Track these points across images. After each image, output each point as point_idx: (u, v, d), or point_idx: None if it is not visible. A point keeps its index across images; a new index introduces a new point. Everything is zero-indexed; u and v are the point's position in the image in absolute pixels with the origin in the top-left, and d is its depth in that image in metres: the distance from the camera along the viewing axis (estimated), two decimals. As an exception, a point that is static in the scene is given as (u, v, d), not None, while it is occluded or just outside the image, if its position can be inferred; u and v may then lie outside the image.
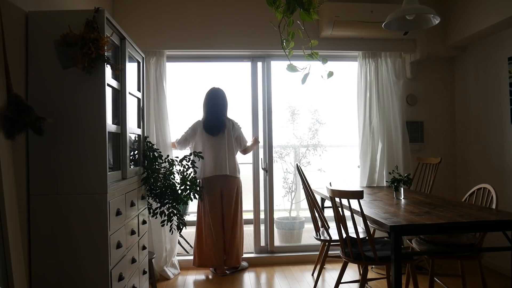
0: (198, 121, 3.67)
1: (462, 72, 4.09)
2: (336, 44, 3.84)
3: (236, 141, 3.66)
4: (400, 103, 3.89)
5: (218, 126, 3.57)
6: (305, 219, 4.51)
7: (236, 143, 3.66)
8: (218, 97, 3.65)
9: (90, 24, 1.89)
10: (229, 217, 3.58)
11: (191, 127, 3.66)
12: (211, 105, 3.63)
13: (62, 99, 1.96)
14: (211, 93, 3.66)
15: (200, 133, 3.60)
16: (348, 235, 2.55)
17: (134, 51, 2.64)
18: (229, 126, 3.61)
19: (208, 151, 3.55)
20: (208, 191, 3.55)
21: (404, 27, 2.76)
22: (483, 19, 3.38)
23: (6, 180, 1.64)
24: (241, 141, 3.69)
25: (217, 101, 3.64)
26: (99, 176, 1.96)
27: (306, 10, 1.94)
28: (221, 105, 3.64)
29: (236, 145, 3.66)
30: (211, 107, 3.62)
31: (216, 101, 3.64)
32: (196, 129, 3.63)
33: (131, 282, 2.38)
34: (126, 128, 2.35)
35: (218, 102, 3.64)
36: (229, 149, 3.58)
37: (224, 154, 3.55)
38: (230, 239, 3.58)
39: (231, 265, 3.61)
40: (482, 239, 2.61)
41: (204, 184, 3.55)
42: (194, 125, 3.65)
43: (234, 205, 3.60)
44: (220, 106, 3.63)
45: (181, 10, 3.69)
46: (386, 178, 3.79)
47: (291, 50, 2.16)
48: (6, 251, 1.63)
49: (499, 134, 3.57)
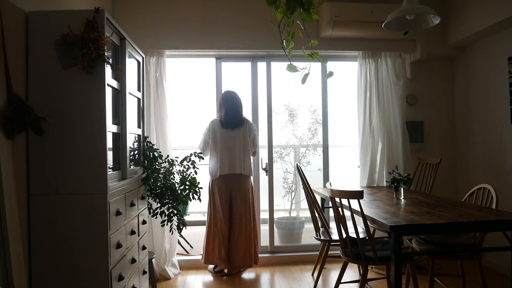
0: (213, 120, 3.66)
1: (462, 72, 4.09)
2: (336, 44, 3.84)
3: (252, 141, 3.65)
4: (400, 103, 3.89)
5: (237, 121, 3.58)
6: (305, 219, 4.50)
7: (251, 144, 3.65)
8: (235, 97, 3.66)
9: (90, 24, 1.89)
10: (239, 216, 3.53)
11: (207, 128, 3.64)
12: (230, 102, 3.61)
13: (62, 99, 1.96)
14: (228, 94, 3.66)
15: (216, 131, 3.57)
16: (348, 235, 2.55)
17: (134, 51, 2.64)
18: (245, 125, 3.62)
19: (224, 149, 3.53)
20: (219, 189, 3.53)
21: (404, 27, 2.76)
22: (483, 19, 3.38)
23: (6, 180, 1.64)
24: (254, 143, 3.68)
25: (235, 100, 3.64)
26: (99, 176, 1.96)
27: (306, 10, 1.94)
28: (239, 103, 3.65)
29: (251, 145, 3.64)
30: (230, 104, 3.61)
31: (234, 100, 3.64)
32: (212, 128, 3.60)
33: (131, 282, 2.38)
34: (126, 128, 2.35)
35: (236, 100, 3.64)
36: (244, 148, 3.56)
37: (240, 153, 3.54)
38: (238, 238, 3.53)
39: (239, 264, 3.54)
40: (482, 239, 2.61)
41: (217, 182, 3.54)
42: (209, 124, 3.64)
43: (245, 204, 3.56)
44: (238, 104, 3.64)
45: (181, 10, 3.69)
46: (386, 178, 3.80)
47: (291, 50, 2.16)
48: (6, 251, 1.62)
49: (499, 134, 3.57)
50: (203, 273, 3.65)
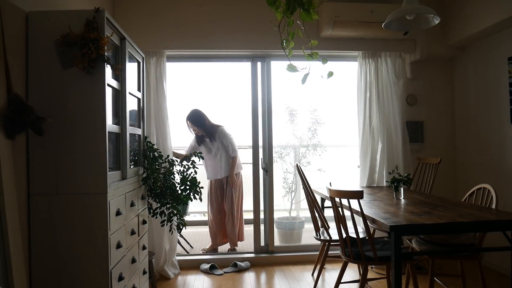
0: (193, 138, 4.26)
1: (462, 72, 4.09)
2: (336, 44, 3.84)
3: (229, 148, 4.11)
4: (400, 103, 3.89)
5: (207, 135, 4.13)
6: (305, 219, 4.50)
7: (229, 151, 4.12)
8: (195, 115, 4.11)
9: (90, 24, 1.89)
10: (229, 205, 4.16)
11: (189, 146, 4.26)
12: (193, 121, 4.12)
13: (62, 99, 1.96)
14: (190, 115, 4.12)
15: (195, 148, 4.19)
16: (348, 235, 2.55)
17: (134, 51, 2.64)
18: (217, 136, 4.10)
19: (207, 159, 4.17)
20: (212, 186, 4.24)
21: (404, 27, 2.76)
22: (483, 19, 3.38)
23: (6, 180, 1.64)
24: (233, 149, 4.12)
25: (196, 118, 4.11)
26: (99, 176, 1.96)
27: (306, 10, 1.94)
28: (201, 120, 4.10)
29: (229, 152, 4.12)
30: (194, 123, 4.13)
31: (196, 119, 4.11)
32: (191, 146, 4.23)
33: (131, 282, 2.38)
34: (126, 128, 2.35)
35: (197, 119, 4.10)
36: (222, 157, 4.12)
37: (220, 161, 4.13)
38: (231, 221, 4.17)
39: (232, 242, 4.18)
40: (482, 239, 2.61)
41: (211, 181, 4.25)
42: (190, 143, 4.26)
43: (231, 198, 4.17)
44: (201, 122, 4.10)
45: (181, 10, 3.69)
46: (386, 178, 3.79)
47: (291, 50, 2.16)
48: (6, 251, 1.63)
49: (499, 134, 3.57)
50: (203, 273, 3.65)
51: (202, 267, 3.71)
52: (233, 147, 4.10)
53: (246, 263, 3.78)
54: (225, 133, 4.14)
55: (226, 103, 5.42)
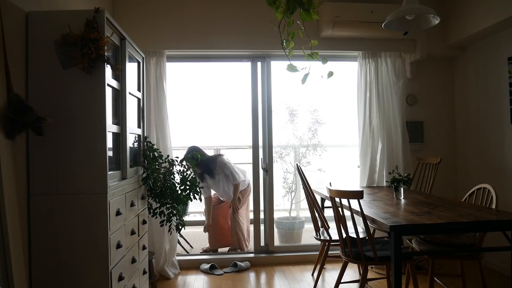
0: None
1: (462, 72, 4.09)
2: (336, 44, 3.84)
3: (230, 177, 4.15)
4: (400, 103, 3.89)
5: (208, 172, 4.18)
6: (305, 219, 4.50)
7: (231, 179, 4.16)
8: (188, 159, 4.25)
9: (90, 24, 1.89)
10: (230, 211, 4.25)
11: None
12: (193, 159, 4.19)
13: (62, 99, 1.96)
14: (189, 153, 4.10)
15: (200, 183, 4.23)
16: (348, 235, 2.55)
17: (134, 51, 2.64)
18: (217, 170, 4.15)
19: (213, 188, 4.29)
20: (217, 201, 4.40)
21: (404, 27, 2.76)
22: (483, 19, 3.38)
23: (6, 180, 1.64)
24: (233, 177, 4.14)
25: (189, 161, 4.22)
26: (99, 176, 1.96)
27: (306, 10, 1.94)
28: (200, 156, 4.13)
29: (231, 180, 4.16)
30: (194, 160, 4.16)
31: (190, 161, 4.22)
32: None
33: (131, 282, 2.38)
34: (126, 128, 2.35)
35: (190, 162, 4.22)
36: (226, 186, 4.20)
37: (223, 188, 4.21)
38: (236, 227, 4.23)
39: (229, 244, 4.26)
40: (482, 239, 2.61)
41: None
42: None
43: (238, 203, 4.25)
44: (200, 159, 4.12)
45: (181, 10, 3.68)
46: (386, 178, 3.79)
47: (291, 50, 2.16)
48: (6, 251, 1.63)
49: (499, 134, 3.57)
50: (203, 273, 3.65)
51: (202, 267, 3.71)
52: (233, 176, 4.13)
53: (246, 263, 3.78)
54: (225, 163, 4.15)
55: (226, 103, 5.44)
